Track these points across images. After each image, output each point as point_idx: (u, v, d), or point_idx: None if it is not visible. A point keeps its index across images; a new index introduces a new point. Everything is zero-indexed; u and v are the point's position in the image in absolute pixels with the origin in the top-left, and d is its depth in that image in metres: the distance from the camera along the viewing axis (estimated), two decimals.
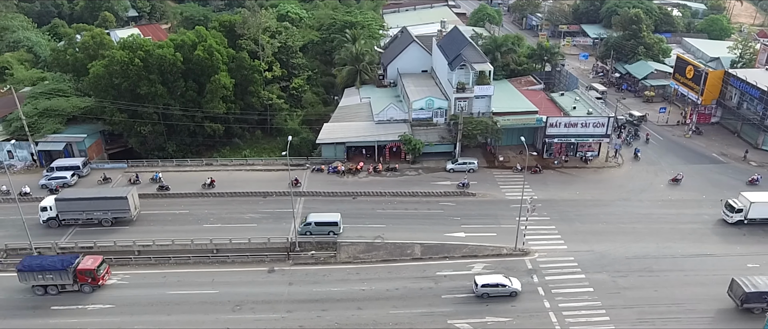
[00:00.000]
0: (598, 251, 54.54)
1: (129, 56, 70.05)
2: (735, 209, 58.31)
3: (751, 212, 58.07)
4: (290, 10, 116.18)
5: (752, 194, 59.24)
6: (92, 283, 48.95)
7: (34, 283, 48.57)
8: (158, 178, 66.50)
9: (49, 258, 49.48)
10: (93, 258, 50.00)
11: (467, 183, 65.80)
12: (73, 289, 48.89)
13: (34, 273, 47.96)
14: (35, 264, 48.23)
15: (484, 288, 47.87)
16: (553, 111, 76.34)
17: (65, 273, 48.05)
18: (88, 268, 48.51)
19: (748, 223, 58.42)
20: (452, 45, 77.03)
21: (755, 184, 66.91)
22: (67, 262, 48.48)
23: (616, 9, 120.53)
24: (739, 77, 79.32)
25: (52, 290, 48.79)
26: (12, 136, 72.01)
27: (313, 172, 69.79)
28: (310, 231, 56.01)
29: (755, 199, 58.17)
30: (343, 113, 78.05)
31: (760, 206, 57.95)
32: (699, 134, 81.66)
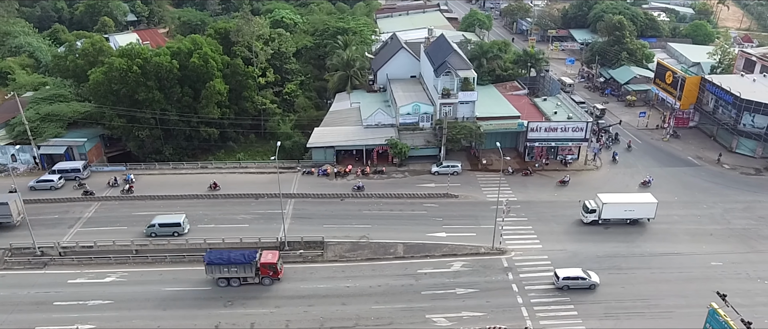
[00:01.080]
0: (571, 250, 57.67)
1: (127, 64, 73.08)
2: (589, 210, 61.07)
3: (604, 213, 60.80)
4: (285, 16, 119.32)
5: (606, 195, 61.97)
6: (273, 276, 51.98)
7: (219, 276, 51.45)
8: (130, 180, 69.50)
9: (233, 253, 51.92)
10: (272, 252, 52.79)
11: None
12: (253, 282, 51.86)
13: (220, 267, 50.86)
14: (222, 258, 50.96)
15: (566, 280, 51.29)
16: (536, 116, 79.40)
17: (249, 267, 51.11)
18: (270, 262, 51.47)
19: (602, 223, 61.09)
20: (438, 52, 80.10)
21: (647, 185, 69.81)
22: (251, 256, 51.29)
23: (603, 14, 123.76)
24: (714, 83, 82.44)
25: (234, 282, 51.74)
26: (15, 140, 74.98)
27: (304, 175, 72.87)
28: (154, 233, 58.63)
29: (607, 200, 60.98)
30: (334, 117, 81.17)
31: (612, 207, 60.69)
32: (676, 137, 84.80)
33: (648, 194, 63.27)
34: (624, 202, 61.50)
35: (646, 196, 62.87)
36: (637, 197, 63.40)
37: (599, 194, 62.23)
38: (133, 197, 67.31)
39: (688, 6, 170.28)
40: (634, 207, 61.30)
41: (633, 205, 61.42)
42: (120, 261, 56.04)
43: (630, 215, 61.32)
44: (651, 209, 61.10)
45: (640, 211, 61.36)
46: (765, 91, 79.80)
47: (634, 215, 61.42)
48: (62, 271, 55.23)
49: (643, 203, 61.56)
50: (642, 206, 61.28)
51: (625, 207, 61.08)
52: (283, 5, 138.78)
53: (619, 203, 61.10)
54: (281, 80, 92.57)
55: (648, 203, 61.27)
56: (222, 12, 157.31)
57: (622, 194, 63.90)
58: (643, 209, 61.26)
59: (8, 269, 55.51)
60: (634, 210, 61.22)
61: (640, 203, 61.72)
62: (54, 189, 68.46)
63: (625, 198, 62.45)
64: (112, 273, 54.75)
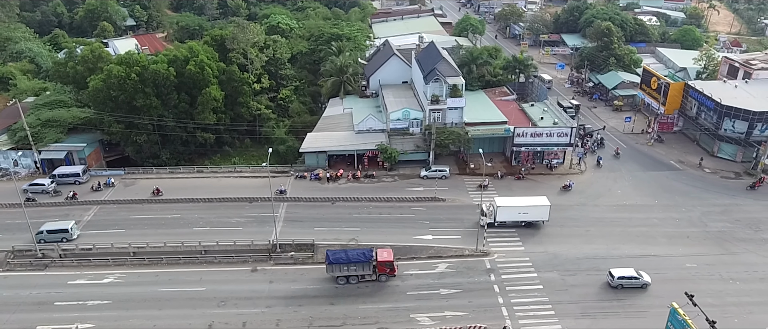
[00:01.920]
0: (551, 252, 59.94)
1: (126, 71, 75.39)
2: (485, 213, 63.12)
3: (498, 216, 62.81)
4: (281, 22, 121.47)
5: (501, 199, 64.23)
6: (390, 273, 54.36)
7: (339, 274, 53.84)
8: (111, 183, 71.95)
9: (352, 252, 54.32)
10: (386, 250, 55.09)
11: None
12: (371, 279, 54.26)
13: (340, 265, 53.26)
14: (342, 257, 53.37)
15: (620, 279, 53.70)
16: (523, 121, 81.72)
17: (368, 265, 53.53)
18: (387, 260, 53.86)
19: (498, 225, 62.91)
20: (428, 59, 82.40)
21: (568, 189, 71.94)
22: (369, 255, 53.65)
23: (594, 20, 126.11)
24: (696, 89, 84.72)
25: (353, 280, 54.09)
26: (17, 145, 77.23)
27: (297, 179, 75.11)
28: (43, 239, 60.32)
29: (501, 203, 63.07)
30: (327, 122, 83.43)
31: (506, 210, 62.77)
32: (660, 142, 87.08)
33: (543, 198, 64.83)
34: (518, 205, 63.38)
35: (539, 199, 64.56)
36: (531, 200, 65.02)
37: (495, 198, 64.40)
38: (131, 201, 69.53)
39: (679, 10, 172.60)
40: (528, 210, 63.16)
41: (527, 208, 63.23)
42: (118, 263, 58.28)
43: (524, 217, 63.14)
44: (544, 212, 62.94)
45: (534, 213, 63.19)
46: (746, 97, 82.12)
47: (529, 218, 63.22)
48: (62, 272, 57.46)
49: (536, 205, 63.31)
50: (536, 209, 63.13)
51: (519, 210, 63.02)
52: (280, 10, 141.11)
53: (513, 206, 63.03)
54: (276, 86, 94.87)
55: (541, 205, 63.09)
56: (219, 16, 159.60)
57: (517, 198, 66.01)
58: (537, 212, 63.12)
59: (11, 270, 57.75)
60: (528, 213, 63.11)
61: (533, 205, 63.45)
62: (45, 193, 70.70)
63: (519, 201, 64.32)
64: (110, 274, 56.99)
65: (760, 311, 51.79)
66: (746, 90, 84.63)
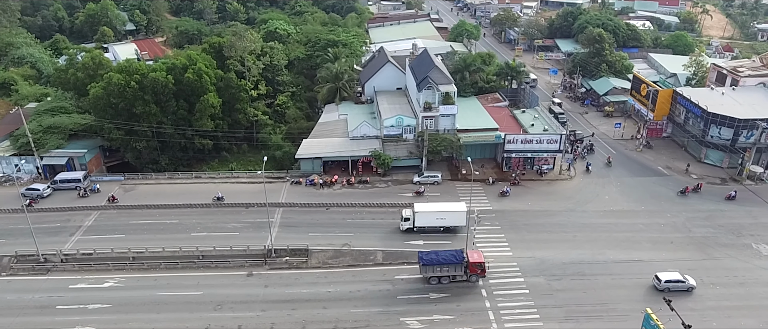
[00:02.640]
0: (538, 257, 61.71)
1: (126, 79, 77.20)
2: (404, 218, 64.78)
3: (417, 221, 64.45)
4: (278, 27, 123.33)
5: (419, 204, 65.94)
6: (481, 274, 56.13)
7: (431, 275, 55.78)
8: (96, 189, 73.79)
9: (443, 253, 56.02)
10: (476, 252, 57.00)
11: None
12: (461, 280, 56.22)
13: (434, 267, 55.29)
14: (434, 259, 55.36)
15: (667, 283, 55.67)
16: (514, 127, 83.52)
17: (459, 266, 55.52)
18: (479, 261, 55.67)
19: (417, 230, 64.54)
20: (421, 67, 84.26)
21: (506, 195, 73.31)
22: (460, 256, 55.54)
23: (587, 25, 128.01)
24: (684, 96, 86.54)
25: (444, 280, 56.01)
26: (19, 151, 79.03)
27: (292, 184, 76.93)
28: None
29: (419, 209, 64.73)
30: (322, 129, 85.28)
31: (424, 216, 64.41)
32: (649, 148, 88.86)
33: (460, 204, 66.56)
34: (435, 211, 64.97)
35: (457, 205, 66.25)
36: (449, 206, 66.39)
37: (415, 204, 66.24)
38: (131, 206, 71.37)
39: (673, 14, 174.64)
40: (446, 215, 64.68)
41: (444, 213, 64.81)
42: (118, 267, 60.08)
43: (442, 223, 64.66)
44: (461, 218, 64.49)
45: (451, 219, 64.72)
46: (732, 104, 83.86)
47: (446, 224, 64.75)
48: (64, 276, 59.23)
49: (453, 211, 64.95)
50: (453, 215, 64.74)
51: (436, 216, 64.60)
52: (278, 15, 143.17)
53: (431, 212, 64.67)
54: (273, 92, 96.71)
55: (458, 211, 64.80)
56: (218, 21, 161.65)
57: (435, 204, 67.51)
58: (454, 218, 64.67)
59: (14, 275, 59.60)
60: (445, 218, 64.68)
61: (450, 211, 65.04)
62: (40, 198, 72.63)
63: (436, 207, 65.83)
64: (110, 279, 58.78)
65: (738, 315, 53.53)
66: (733, 97, 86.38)
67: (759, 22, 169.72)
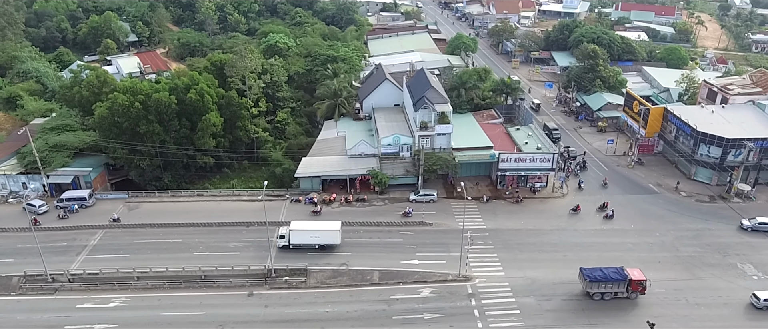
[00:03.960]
0: (530, 277, 63.75)
1: (130, 100, 79.28)
2: (280, 236, 66.71)
3: (292, 239, 66.55)
4: (279, 41, 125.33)
5: (295, 223, 68.01)
6: (642, 291, 59.10)
7: (596, 291, 58.91)
8: (74, 209, 75.65)
9: (607, 270, 59.42)
10: (636, 270, 60.08)
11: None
12: (622, 296, 59.27)
13: (599, 283, 58.50)
14: (599, 276, 58.67)
15: (766, 301, 58.35)
16: (508, 145, 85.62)
17: (622, 283, 58.60)
18: (640, 279, 58.80)
19: (292, 248, 66.62)
20: (418, 86, 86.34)
21: (408, 216, 74.78)
22: (623, 274, 58.93)
23: (582, 38, 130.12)
24: (674, 114, 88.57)
25: (607, 296, 59.14)
26: (26, 169, 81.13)
27: (292, 202, 78.98)
28: None
29: (294, 227, 66.93)
30: (321, 146, 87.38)
31: (299, 234, 66.62)
32: (641, 164, 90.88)
33: (335, 223, 68.76)
34: (310, 229, 67.22)
35: (331, 224, 68.47)
36: (322, 224, 68.91)
37: (292, 222, 68.22)
38: (135, 225, 73.43)
39: (669, 25, 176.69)
40: (319, 234, 66.92)
41: (318, 232, 67.04)
42: (123, 287, 62.16)
43: (316, 240, 66.87)
44: (335, 236, 66.92)
45: (324, 237, 66.96)
46: (721, 122, 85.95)
47: (320, 241, 66.94)
48: (71, 296, 61.28)
49: (327, 230, 67.24)
50: (326, 233, 67.04)
51: (310, 234, 66.84)
52: (278, 27, 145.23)
53: (305, 230, 66.86)
54: (273, 108, 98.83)
55: (332, 230, 67.09)
56: (220, 31, 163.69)
57: (309, 222, 69.83)
58: (327, 236, 66.96)
59: (23, 294, 61.68)
60: (319, 237, 66.79)
61: (324, 230, 67.31)
62: (37, 214, 74.66)
63: (310, 226, 68.18)
64: (116, 298, 60.85)
65: None
66: (722, 115, 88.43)
67: (754, 32, 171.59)
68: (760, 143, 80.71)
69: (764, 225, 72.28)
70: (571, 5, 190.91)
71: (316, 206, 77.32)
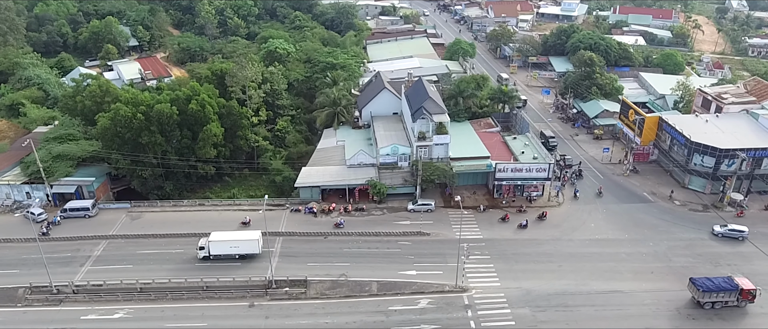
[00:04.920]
0: (525, 288, 65.07)
1: (132, 111, 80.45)
2: (200, 247, 68.06)
3: (211, 250, 67.86)
4: (278, 46, 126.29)
5: (215, 233, 69.11)
6: (751, 300, 60.85)
7: (707, 300, 60.57)
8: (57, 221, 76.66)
9: (716, 280, 61.35)
10: (745, 278, 61.96)
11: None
12: (732, 305, 61.02)
13: (712, 293, 60.26)
14: (712, 286, 60.49)
15: None
16: (505, 154, 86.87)
17: (734, 293, 60.43)
18: (750, 288, 60.47)
19: (213, 258, 68.05)
20: (416, 96, 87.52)
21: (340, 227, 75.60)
22: (734, 284, 60.76)
23: (579, 44, 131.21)
24: (669, 123, 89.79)
25: (717, 305, 60.86)
26: (30, 179, 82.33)
27: (292, 212, 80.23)
28: None
29: (213, 238, 68.22)
30: (320, 155, 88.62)
31: (218, 245, 67.86)
32: (636, 172, 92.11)
33: (256, 232, 69.90)
34: (229, 240, 68.39)
35: (249, 234, 69.90)
36: (241, 234, 70.24)
37: (212, 233, 69.47)
38: (138, 236, 74.68)
39: (666, 28, 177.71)
40: (239, 244, 68.23)
41: (237, 242, 68.28)
42: (126, 298, 63.48)
43: (236, 251, 68.20)
44: (254, 246, 68.24)
45: (244, 247, 68.31)
46: (715, 132, 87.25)
47: (240, 251, 68.33)
48: (76, 307, 62.56)
49: (246, 240, 68.60)
50: (245, 243, 68.42)
51: (230, 244, 68.08)
52: (278, 32, 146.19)
53: (224, 240, 68.06)
54: (273, 116, 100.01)
55: (251, 240, 68.43)
56: (220, 35, 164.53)
57: (229, 233, 70.53)
58: (247, 246, 68.32)
59: (29, 306, 62.95)
60: (238, 246, 68.09)
61: (243, 240, 68.67)
62: (35, 222, 75.90)
63: (229, 236, 69.24)
64: (120, 310, 62.15)
65: None
66: (716, 124, 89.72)
67: (750, 36, 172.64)
68: (752, 153, 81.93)
69: (734, 232, 74.19)
70: (569, 8, 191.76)
71: (315, 216, 78.69)
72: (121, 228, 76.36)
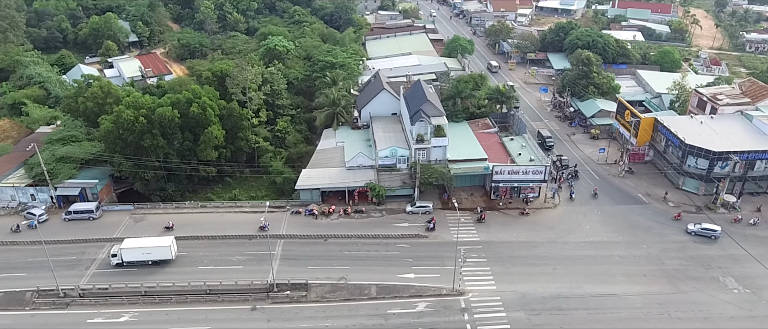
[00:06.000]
0: (520, 291, 66.69)
1: (134, 115, 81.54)
2: (113, 254, 69.31)
3: (124, 256, 69.26)
4: (278, 44, 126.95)
5: (127, 240, 70.60)
6: None
7: None
8: (34, 225, 77.73)
9: None
10: None
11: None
12: None
13: None
14: None
15: None
16: (502, 156, 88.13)
17: None
18: None
19: (126, 265, 69.28)
20: (414, 99, 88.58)
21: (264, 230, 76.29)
22: None
23: (578, 41, 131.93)
24: (664, 125, 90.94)
25: None
26: (34, 181, 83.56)
27: (292, 214, 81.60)
28: None
29: (125, 246, 69.51)
30: (320, 157, 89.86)
31: (130, 252, 69.13)
32: (631, 173, 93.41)
33: (168, 238, 71.17)
34: (141, 246, 69.47)
35: (161, 240, 71.12)
36: (154, 241, 71.12)
37: (125, 240, 70.92)
38: None
39: (665, 23, 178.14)
40: (151, 250, 69.41)
41: (150, 249, 69.46)
42: (132, 302, 65.07)
43: (148, 257, 69.38)
44: (166, 252, 69.72)
45: (156, 253, 69.63)
46: (709, 133, 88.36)
47: (152, 257, 69.53)
48: (82, 311, 64.22)
49: (158, 246, 69.93)
50: (157, 249, 69.76)
51: (142, 251, 69.26)
52: (277, 28, 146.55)
53: (136, 247, 69.20)
54: (273, 117, 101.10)
55: (163, 246, 69.78)
56: (219, 30, 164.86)
57: (141, 239, 71.16)
58: (159, 252, 69.66)
59: (36, 309, 64.57)
60: (151, 253, 69.37)
61: (155, 246, 69.91)
62: (38, 223, 77.61)
63: (142, 243, 70.20)
64: (125, 313, 63.81)
65: None
66: (711, 126, 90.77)
67: (748, 31, 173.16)
68: (745, 156, 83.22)
69: (707, 231, 76.56)
70: (568, 2, 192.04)
71: (315, 218, 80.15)
72: (124, 231, 77.65)
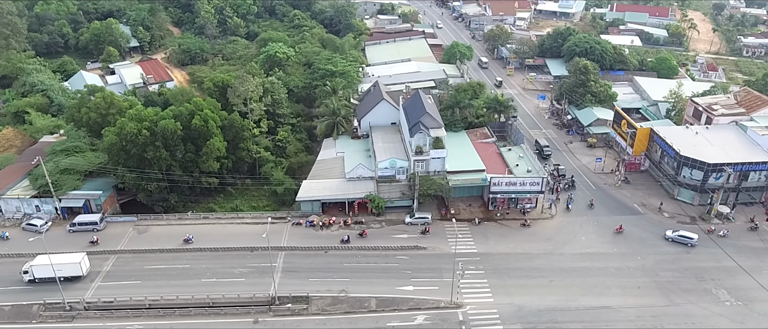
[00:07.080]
0: (517, 303, 68.04)
1: (137, 127, 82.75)
2: (24, 271, 69.79)
3: (35, 273, 69.66)
4: (278, 51, 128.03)
5: (38, 257, 70.47)
6: None
7: None
8: (6, 237, 78.96)
9: None
10: None
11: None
12: None
13: None
14: None
15: None
16: (500, 167, 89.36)
17: None
18: None
19: (38, 281, 69.54)
20: (413, 110, 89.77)
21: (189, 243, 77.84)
22: None
23: (575, 48, 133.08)
24: (659, 135, 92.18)
25: None
26: (38, 192, 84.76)
27: (293, 226, 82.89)
28: None
29: (36, 262, 69.93)
30: (320, 168, 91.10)
31: (40, 268, 69.37)
32: (627, 183, 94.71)
33: (78, 255, 71.57)
34: (51, 263, 67.90)
35: (71, 257, 71.17)
36: (64, 258, 70.74)
37: (37, 256, 70.98)
38: (145, 251, 77.35)
39: (662, 27, 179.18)
40: (62, 267, 69.22)
41: (60, 265, 69.03)
42: (136, 315, 66.42)
43: (60, 273, 68.52)
44: (76, 268, 70.17)
45: (67, 270, 69.74)
46: (704, 144, 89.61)
47: (63, 274, 69.08)
48: (88, 324, 65.57)
49: (68, 263, 69.95)
50: (67, 266, 69.84)
51: (55, 267, 67.86)
52: (277, 34, 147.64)
53: (46, 264, 68.24)
54: (274, 126, 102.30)
55: (72, 263, 70.15)
56: (219, 35, 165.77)
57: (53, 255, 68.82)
58: (69, 268, 69.94)
59: (43, 322, 65.92)
60: (62, 269, 69.08)
61: (65, 263, 69.81)
62: (38, 233, 78.33)
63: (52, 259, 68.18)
64: (129, 326, 65.16)
65: None
66: (706, 137, 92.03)
67: (745, 35, 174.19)
68: (739, 167, 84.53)
69: (684, 238, 78.92)
70: (567, 5, 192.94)
71: (316, 229, 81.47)
72: (128, 243, 79.01)
